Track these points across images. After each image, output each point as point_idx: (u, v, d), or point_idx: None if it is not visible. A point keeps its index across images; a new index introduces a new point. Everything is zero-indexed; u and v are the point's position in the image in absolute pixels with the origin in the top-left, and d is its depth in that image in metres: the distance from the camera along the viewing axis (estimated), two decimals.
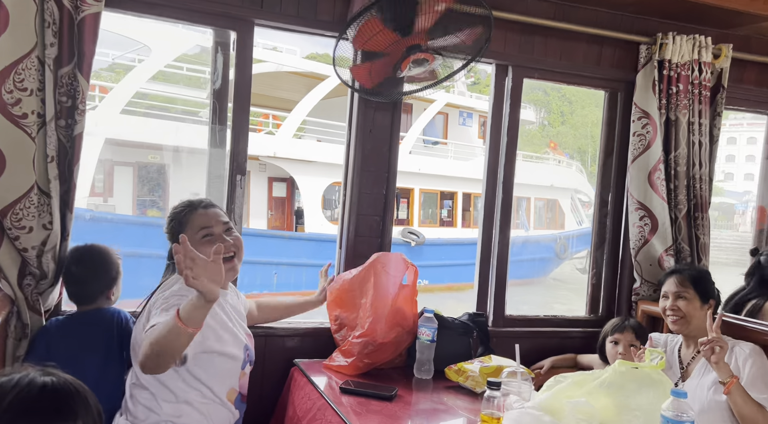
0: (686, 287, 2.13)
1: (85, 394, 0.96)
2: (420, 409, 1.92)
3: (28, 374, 0.93)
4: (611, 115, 2.89)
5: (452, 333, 2.34)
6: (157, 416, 1.63)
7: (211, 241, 1.72)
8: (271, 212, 14.17)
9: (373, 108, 2.44)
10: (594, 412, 1.32)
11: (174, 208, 1.85)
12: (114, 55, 11.80)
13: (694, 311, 2.10)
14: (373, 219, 2.52)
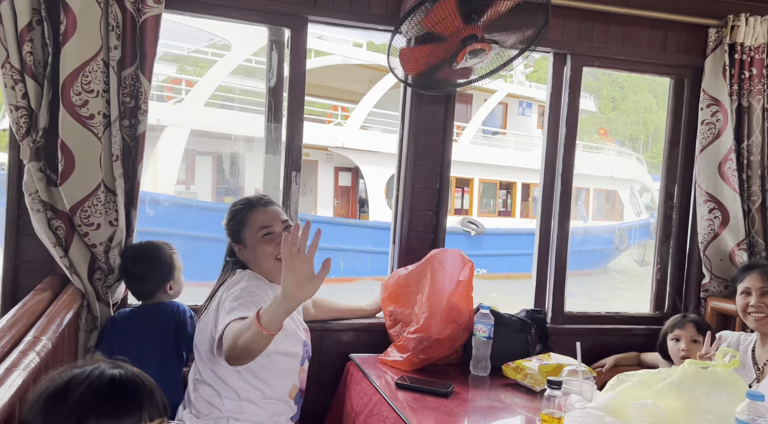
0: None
1: (150, 387, 0.99)
2: (477, 406, 1.89)
3: (99, 367, 0.97)
4: (677, 104, 2.76)
5: (509, 330, 2.29)
6: (219, 412, 1.67)
7: (271, 239, 1.75)
8: (336, 201, 14.60)
9: (427, 101, 2.42)
10: (662, 414, 1.26)
11: (233, 205, 1.86)
12: (189, 48, 12.41)
13: None
14: (426, 214, 2.49)
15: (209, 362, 1.69)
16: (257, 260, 1.77)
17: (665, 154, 2.83)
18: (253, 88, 11.79)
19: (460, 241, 12.50)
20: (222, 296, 1.68)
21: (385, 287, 2.35)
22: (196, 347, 1.73)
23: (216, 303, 1.68)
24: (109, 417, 0.92)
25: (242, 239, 1.79)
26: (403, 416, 1.68)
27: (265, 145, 2.31)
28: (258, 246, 1.76)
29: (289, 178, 2.30)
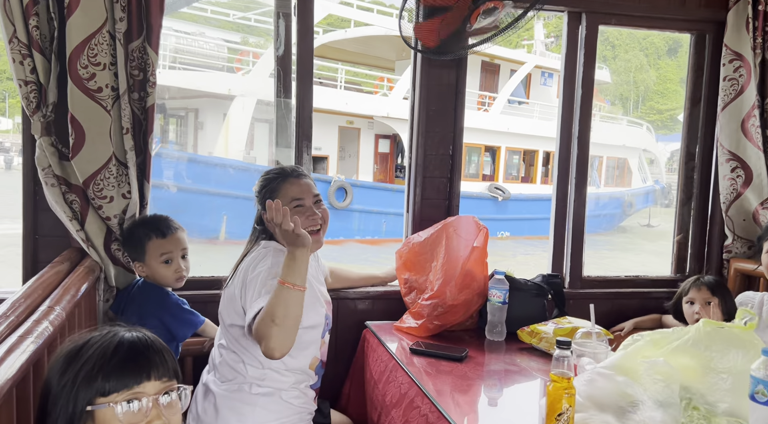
0: None
1: (162, 350, 1.02)
2: (492, 370, 1.89)
3: (115, 330, 1.01)
4: (698, 60, 2.67)
5: (525, 295, 2.28)
6: (243, 378, 1.70)
7: (301, 212, 1.75)
8: (376, 166, 15.44)
9: (437, 66, 2.37)
10: (673, 373, 1.24)
11: (266, 173, 1.85)
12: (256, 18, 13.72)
13: None
14: (440, 181, 2.47)
15: (233, 331, 1.71)
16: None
17: (686, 113, 2.74)
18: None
19: (488, 206, 13.53)
20: (247, 268, 1.67)
21: (400, 255, 2.35)
22: (221, 315, 1.75)
23: (242, 275, 1.67)
24: (117, 375, 0.95)
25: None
26: (418, 381, 1.69)
27: (275, 115, 2.30)
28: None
29: (300, 147, 2.29)
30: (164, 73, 11.45)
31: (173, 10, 12.59)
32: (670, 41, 49.21)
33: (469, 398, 1.67)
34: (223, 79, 12.08)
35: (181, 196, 10.31)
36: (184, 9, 13.48)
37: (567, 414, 1.21)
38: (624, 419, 1.26)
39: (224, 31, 15.24)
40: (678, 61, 52.65)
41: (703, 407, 1.31)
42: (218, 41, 13.68)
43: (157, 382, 0.98)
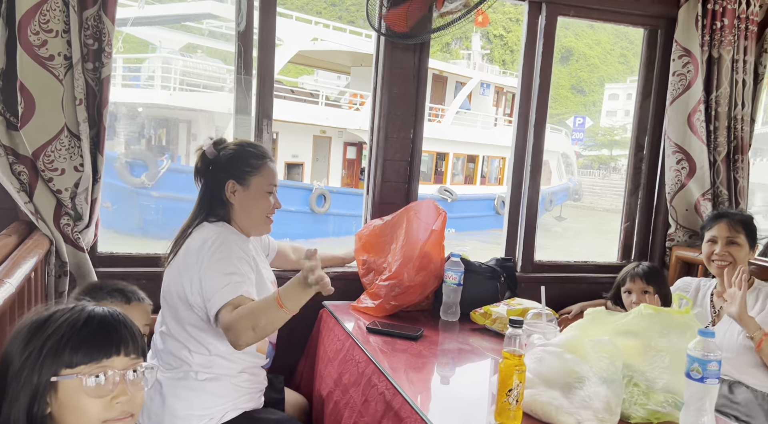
0: (738, 231, 2.05)
1: (133, 328, 1.01)
2: (445, 349, 1.94)
3: (83, 304, 1.00)
4: (650, 55, 2.76)
5: (479, 277, 2.34)
6: (188, 366, 1.65)
7: (269, 198, 1.75)
8: (344, 171, 17.26)
9: (400, 49, 2.38)
10: (617, 351, 1.32)
11: (248, 145, 1.76)
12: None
13: (743, 257, 2.04)
14: (400, 164, 2.49)
15: (177, 316, 1.66)
16: (250, 209, 1.73)
17: (636, 106, 2.85)
18: None
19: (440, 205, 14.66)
20: (200, 250, 1.60)
21: (359, 237, 2.37)
22: (163, 299, 1.70)
23: (193, 257, 1.59)
24: (86, 347, 0.94)
25: (248, 182, 1.71)
26: (374, 359, 1.72)
27: (234, 93, 2.27)
28: (260, 198, 1.73)
29: (260, 126, 2.27)
30: (175, 94, 12.95)
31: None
32: (563, 50, 53.43)
33: (422, 375, 1.72)
34: (224, 99, 13.22)
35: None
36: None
37: (517, 390, 1.27)
38: (570, 394, 1.33)
39: (221, 41, 16.28)
40: (569, 67, 56.68)
41: (643, 383, 1.40)
42: (219, 64, 15.06)
43: (126, 358, 0.97)
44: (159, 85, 12.92)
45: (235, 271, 1.55)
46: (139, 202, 11.89)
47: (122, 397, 0.96)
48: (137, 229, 11.58)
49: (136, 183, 11.87)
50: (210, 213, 1.72)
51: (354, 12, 48.09)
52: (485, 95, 18.92)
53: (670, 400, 1.38)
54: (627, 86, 53.59)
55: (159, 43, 15.08)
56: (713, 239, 2.10)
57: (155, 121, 14.83)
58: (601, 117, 52.95)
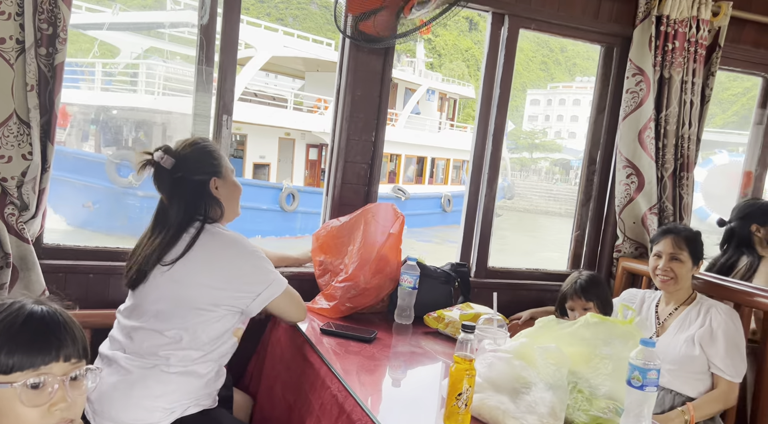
0: (682, 248, 2.12)
1: (72, 327, 0.96)
2: (398, 351, 1.96)
3: (22, 301, 0.94)
4: (605, 72, 2.86)
5: (434, 282, 2.38)
6: (162, 358, 1.65)
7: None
8: (306, 171, 18.55)
9: (365, 52, 2.39)
10: (563, 358, 1.36)
11: (201, 141, 1.79)
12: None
13: (686, 273, 2.11)
14: (360, 167, 2.50)
15: (183, 317, 1.66)
16: (234, 196, 1.81)
17: (591, 120, 2.94)
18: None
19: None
20: (221, 258, 1.68)
21: (317, 237, 2.36)
22: (164, 301, 1.67)
23: (217, 266, 1.67)
24: (22, 352, 0.90)
25: (223, 173, 1.78)
26: (326, 360, 1.72)
27: (194, 86, 2.23)
28: (235, 182, 1.82)
29: (220, 122, 2.23)
30: (159, 98, 13.66)
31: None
32: None
33: (375, 378, 1.73)
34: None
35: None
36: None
37: (467, 394, 1.29)
38: (517, 399, 1.36)
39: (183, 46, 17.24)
40: None
41: (587, 390, 1.45)
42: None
43: (66, 363, 0.93)
44: (143, 90, 13.74)
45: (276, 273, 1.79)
46: (125, 201, 12.30)
47: (61, 404, 0.92)
48: (121, 228, 11.90)
49: (124, 183, 12.27)
50: (204, 216, 1.73)
51: (283, 9, 49.06)
52: (431, 101, 20.68)
53: (611, 406, 1.43)
54: (547, 92, 57.77)
55: (123, 47, 15.79)
56: (659, 253, 2.17)
57: (136, 124, 15.24)
58: (524, 121, 55.57)
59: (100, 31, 15.09)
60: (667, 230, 2.21)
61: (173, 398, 1.62)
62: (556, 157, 47.56)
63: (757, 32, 2.90)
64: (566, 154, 47.13)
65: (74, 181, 11.89)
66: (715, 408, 1.97)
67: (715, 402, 1.96)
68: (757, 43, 2.92)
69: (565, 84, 60.39)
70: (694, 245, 2.14)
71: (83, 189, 12.11)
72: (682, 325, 2.08)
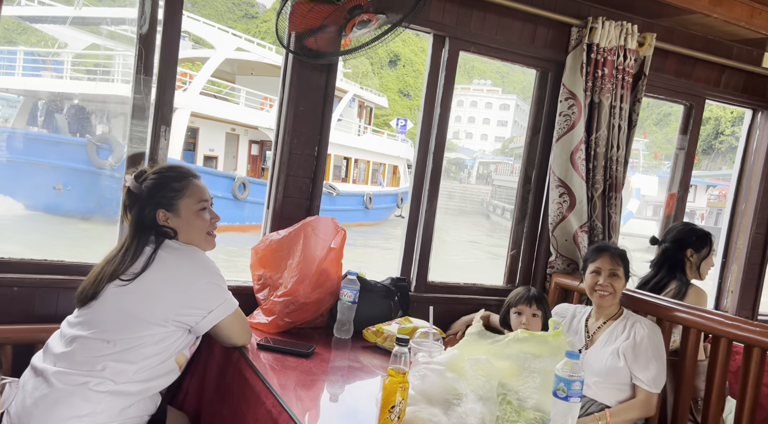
0: (618, 265, 2.21)
1: None
2: (336, 366, 1.97)
3: None
4: (541, 95, 2.98)
5: (374, 296, 2.40)
6: (94, 374, 1.61)
7: (205, 215, 1.82)
8: (249, 165, 20.07)
9: (308, 67, 2.42)
10: (493, 370, 1.41)
11: (167, 171, 1.81)
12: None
13: (621, 288, 2.22)
14: (303, 181, 2.51)
15: (131, 331, 1.64)
16: (189, 231, 1.79)
17: (527, 141, 3.06)
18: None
19: (325, 199, 16.73)
20: (176, 277, 1.70)
21: (256, 251, 2.34)
22: (109, 313, 1.66)
23: (172, 284, 1.69)
24: None
25: (176, 207, 1.77)
26: (262, 376, 1.71)
27: (132, 96, 2.18)
28: (193, 218, 1.79)
29: (158, 132, 2.20)
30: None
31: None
32: (391, 54, 59.69)
33: (312, 393, 1.73)
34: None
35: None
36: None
37: (399, 407, 1.32)
38: (449, 411, 1.40)
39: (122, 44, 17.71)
40: (396, 72, 63.18)
41: (516, 401, 1.50)
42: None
43: None
44: (120, 80, 14.47)
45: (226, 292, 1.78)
46: (101, 183, 13.01)
47: None
48: (94, 209, 12.73)
49: (104, 165, 12.93)
50: (160, 236, 1.76)
51: (201, 7, 49.85)
52: (351, 107, 22.20)
53: (538, 417, 1.49)
54: None
55: (68, 42, 16.33)
56: (597, 270, 2.25)
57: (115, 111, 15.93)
58: None
59: (52, 26, 15.80)
60: (603, 248, 2.30)
61: (100, 419, 1.57)
62: (453, 156, 50.22)
63: (679, 63, 3.11)
64: (462, 153, 50.49)
65: (42, 164, 12.36)
66: (632, 415, 2.07)
67: (632, 410, 2.07)
68: (678, 72, 3.13)
69: (463, 86, 63.22)
70: (626, 262, 2.27)
71: (51, 171, 12.49)
72: (609, 338, 2.18)
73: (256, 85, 17.97)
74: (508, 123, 62.78)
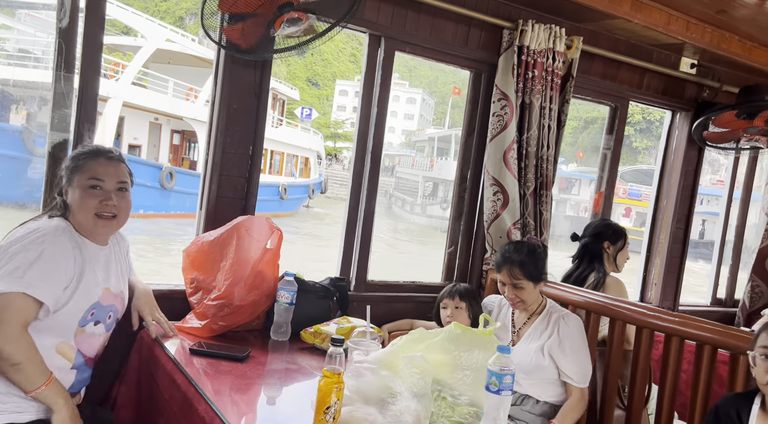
0: (518, 277, 2.20)
1: None
2: (272, 369, 1.94)
3: None
4: (474, 95, 3.04)
5: (312, 297, 2.38)
6: None
7: (96, 195, 1.72)
8: (171, 155, 20.86)
9: (241, 65, 2.37)
10: (427, 367, 1.42)
11: (81, 146, 1.82)
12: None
13: (529, 294, 2.22)
14: (237, 180, 2.46)
15: None
16: (77, 208, 1.71)
17: (462, 141, 3.11)
18: None
19: None
20: (13, 236, 1.63)
21: (188, 253, 2.28)
22: None
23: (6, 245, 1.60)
24: None
25: (71, 181, 1.73)
26: (194, 382, 1.67)
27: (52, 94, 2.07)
28: (82, 195, 1.71)
29: (81, 131, 2.10)
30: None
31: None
32: None
33: (247, 397, 1.70)
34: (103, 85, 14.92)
35: None
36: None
37: (334, 407, 1.31)
38: (384, 409, 1.40)
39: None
40: (305, 60, 64.62)
41: (450, 397, 1.52)
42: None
43: None
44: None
45: (28, 273, 1.55)
46: (35, 170, 12.94)
47: None
48: (25, 196, 12.69)
49: (41, 153, 12.37)
50: (58, 208, 1.75)
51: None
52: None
53: (472, 412, 1.52)
54: (355, 84, 61.64)
55: None
56: (502, 282, 2.27)
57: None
58: (333, 111, 60.09)
59: None
60: (501, 262, 2.25)
61: None
62: None
63: (605, 65, 3.25)
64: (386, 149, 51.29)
65: None
66: (575, 416, 2.14)
67: (573, 411, 2.14)
68: (604, 75, 3.27)
69: None
70: (528, 268, 2.21)
71: None
72: (533, 335, 2.24)
73: (173, 73, 18.12)
74: (414, 116, 63.92)
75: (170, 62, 18.90)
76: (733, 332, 2.01)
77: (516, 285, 2.22)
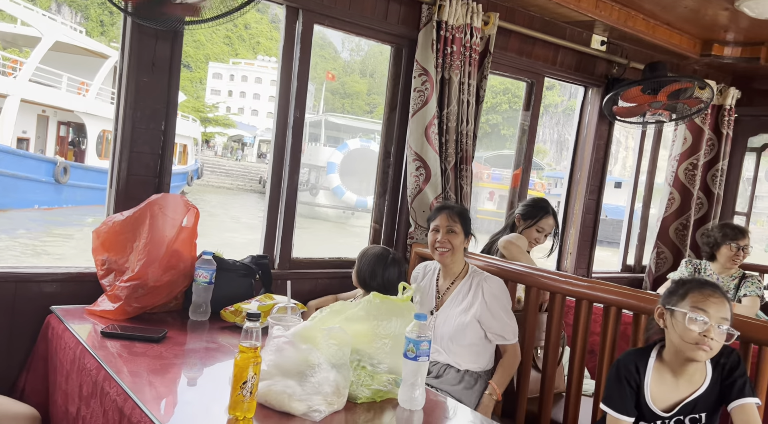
0: (455, 221, 2.33)
1: None
2: (190, 349, 1.90)
3: None
4: (396, 71, 3.04)
5: (233, 275, 2.34)
6: None
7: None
8: (57, 147, 20.58)
9: (150, 35, 2.26)
10: (346, 337, 1.44)
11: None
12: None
13: (460, 244, 2.33)
14: (149, 157, 2.36)
15: None
16: None
17: (385, 117, 3.11)
18: None
19: None
20: None
21: (98, 234, 2.18)
22: None
23: None
24: None
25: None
26: (106, 366, 1.61)
27: None
28: None
29: None
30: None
31: None
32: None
33: (165, 379, 1.65)
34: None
35: None
36: None
37: (251, 382, 1.30)
38: (304, 382, 1.41)
39: None
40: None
41: (369, 366, 1.55)
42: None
43: None
44: None
45: None
46: None
47: None
48: None
49: None
50: None
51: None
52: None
53: (391, 379, 1.55)
54: (230, 67, 59.96)
55: None
56: (436, 228, 2.36)
57: None
58: (207, 95, 57.80)
59: None
60: (442, 207, 2.44)
61: None
62: (231, 133, 49.14)
63: (521, 42, 3.33)
64: (242, 130, 49.11)
65: None
66: (510, 372, 2.26)
67: (509, 368, 2.25)
68: (520, 51, 3.35)
69: (247, 61, 61.94)
70: (464, 219, 2.38)
71: None
72: (456, 299, 2.30)
73: (64, 65, 17.51)
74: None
75: (58, 50, 18.13)
76: (636, 294, 2.14)
77: (451, 229, 2.32)
